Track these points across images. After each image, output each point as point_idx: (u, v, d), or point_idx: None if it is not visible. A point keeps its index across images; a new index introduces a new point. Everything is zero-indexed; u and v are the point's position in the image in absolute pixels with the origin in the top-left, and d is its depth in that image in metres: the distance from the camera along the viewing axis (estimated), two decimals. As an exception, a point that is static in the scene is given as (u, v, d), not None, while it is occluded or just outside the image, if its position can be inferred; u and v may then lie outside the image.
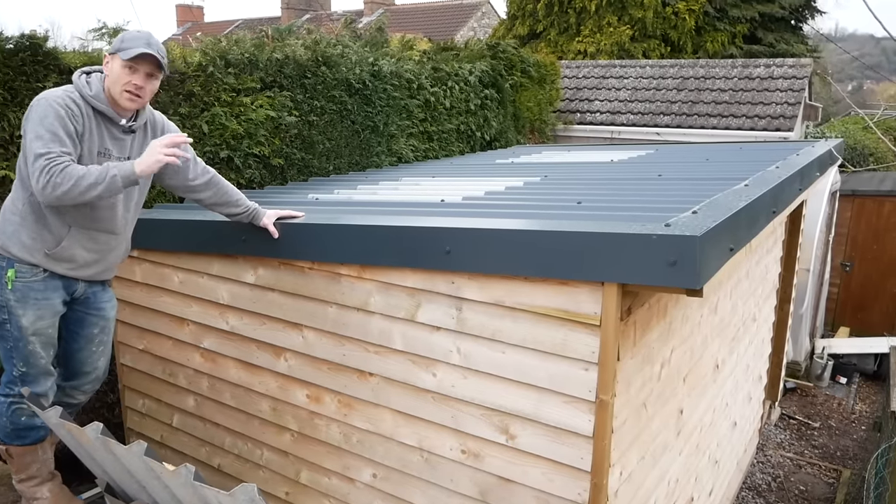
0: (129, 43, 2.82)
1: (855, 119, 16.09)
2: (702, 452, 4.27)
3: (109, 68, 2.86)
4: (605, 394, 2.60)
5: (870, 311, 9.68)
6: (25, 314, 2.91)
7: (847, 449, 6.90)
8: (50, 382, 3.11)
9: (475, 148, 8.27)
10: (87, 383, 3.31)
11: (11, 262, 2.88)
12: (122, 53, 2.81)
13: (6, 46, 3.94)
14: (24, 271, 2.89)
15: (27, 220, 2.86)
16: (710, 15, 15.14)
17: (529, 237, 2.66)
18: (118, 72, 2.82)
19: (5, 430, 3.13)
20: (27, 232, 2.87)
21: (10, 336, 2.94)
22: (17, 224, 2.87)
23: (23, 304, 2.90)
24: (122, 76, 2.82)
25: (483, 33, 22.09)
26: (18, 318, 2.91)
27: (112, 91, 2.86)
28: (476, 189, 4.25)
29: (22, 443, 3.16)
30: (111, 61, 2.85)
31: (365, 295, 3.17)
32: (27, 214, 2.86)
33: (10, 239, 2.87)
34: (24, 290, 2.90)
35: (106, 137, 2.89)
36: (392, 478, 3.30)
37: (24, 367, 2.99)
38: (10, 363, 3.00)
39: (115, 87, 2.84)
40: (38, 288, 2.92)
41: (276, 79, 5.47)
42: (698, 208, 2.90)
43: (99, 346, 3.26)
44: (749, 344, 5.19)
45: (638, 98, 10.82)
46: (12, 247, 2.87)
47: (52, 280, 2.95)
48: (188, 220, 3.73)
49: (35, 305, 2.93)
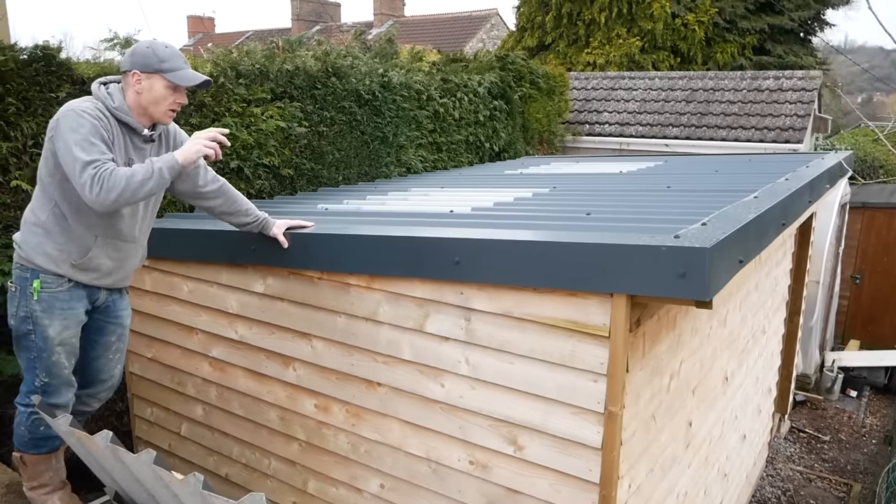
0: (172, 63, 2.80)
1: (865, 131, 16.05)
2: (711, 465, 4.25)
3: (146, 86, 2.81)
4: (613, 405, 2.60)
5: (880, 324, 9.61)
6: (52, 324, 2.91)
7: (857, 463, 6.84)
8: (71, 393, 3.10)
9: (484, 159, 8.29)
10: (103, 391, 3.31)
11: (36, 272, 2.87)
12: (172, 76, 2.80)
13: (20, 57, 3.98)
14: (50, 282, 2.88)
15: (52, 231, 2.85)
16: (720, 26, 15.14)
17: (538, 248, 2.66)
18: (162, 92, 2.81)
19: (22, 439, 3.14)
20: (52, 244, 2.86)
21: (34, 346, 2.93)
22: (42, 235, 2.85)
23: (49, 315, 2.90)
24: (167, 96, 2.83)
25: (492, 45, 22.15)
26: (45, 329, 2.90)
27: (152, 109, 2.85)
28: (485, 200, 4.26)
29: (38, 452, 3.16)
30: (149, 80, 2.81)
31: (374, 305, 3.18)
32: (52, 226, 2.85)
33: (35, 250, 2.86)
34: (50, 300, 2.89)
35: (129, 147, 2.90)
36: (400, 488, 3.29)
37: (46, 378, 2.98)
38: (33, 373, 2.98)
39: (159, 106, 2.84)
40: (63, 298, 2.92)
41: (287, 89, 5.50)
42: (707, 220, 2.90)
43: (116, 353, 3.26)
44: (758, 356, 5.17)
45: (647, 110, 10.82)
46: (37, 258, 2.85)
47: (76, 290, 2.95)
48: (198, 230, 3.74)
49: (61, 315, 2.92)
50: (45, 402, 3.00)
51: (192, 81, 2.84)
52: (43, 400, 2.99)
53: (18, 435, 3.14)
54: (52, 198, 2.82)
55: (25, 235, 2.89)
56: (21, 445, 3.16)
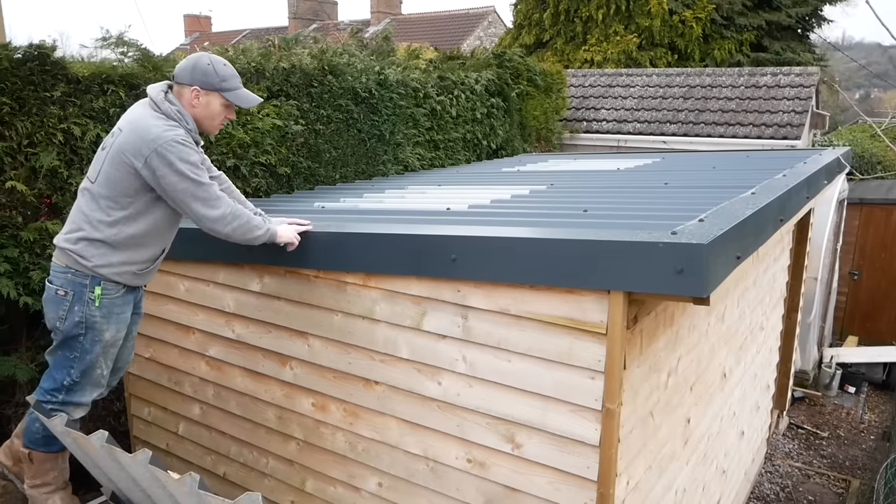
0: (230, 82, 2.98)
1: (862, 127, 16.08)
2: (709, 462, 4.24)
3: (203, 102, 2.97)
4: (611, 402, 2.59)
5: (878, 320, 9.63)
6: (109, 328, 3.02)
7: (856, 459, 6.84)
8: (96, 394, 3.17)
9: (481, 156, 8.27)
10: (115, 379, 3.38)
11: (98, 279, 2.95)
12: (230, 96, 2.99)
13: (15, 56, 3.96)
14: (110, 289, 2.99)
15: (119, 246, 2.94)
16: (717, 23, 15.14)
17: (535, 245, 2.65)
18: (218, 108, 3.01)
19: (34, 435, 3.16)
20: (119, 256, 2.95)
21: (80, 348, 2.99)
22: (106, 248, 2.93)
23: (107, 320, 3.01)
24: (222, 112, 3.03)
25: (489, 42, 22.13)
26: (101, 333, 3.00)
27: (206, 123, 3.03)
28: (482, 197, 4.25)
29: (47, 450, 3.19)
30: (207, 96, 2.96)
31: (370, 303, 3.17)
32: (120, 242, 2.93)
33: (99, 260, 2.93)
34: (110, 306, 3.00)
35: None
36: (398, 487, 3.29)
37: (79, 378, 3.03)
38: (65, 371, 3.02)
39: (214, 121, 3.04)
40: (119, 303, 3.04)
41: (283, 88, 5.49)
42: (705, 216, 2.89)
43: (131, 340, 3.36)
44: (756, 353, 5.17)
45: (644, 107, 10.81)
46: (102, 268, 2.93)
47: (128, 294, 3.09)
48: (194, 228, 3.71)
49: (116, 320, 3.05)
50: (67, 399, 3.05)
51: (251, 103, 3.08)
52: (65, 397, 3.04)
53: (31, 432, 3.16)
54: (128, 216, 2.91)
55: (85, 247, 2.93)
56: (31, 442, 3.18)
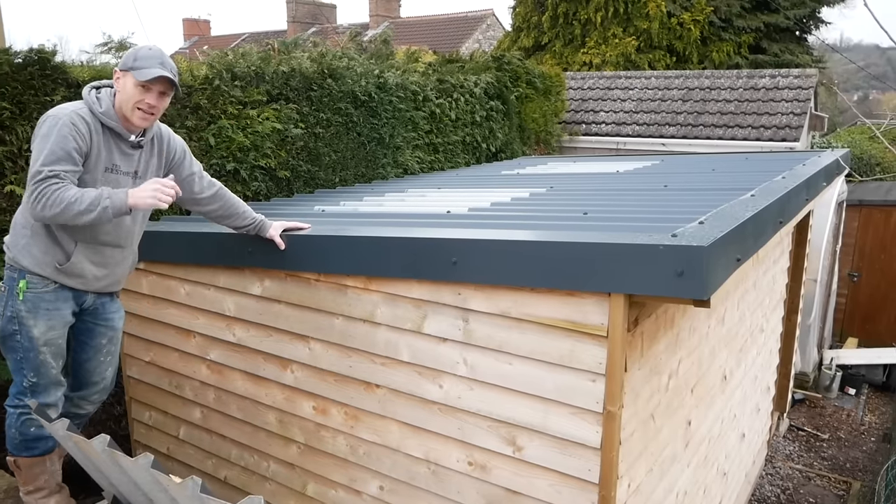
0: (143, 62, 2.80)
1: (861, 129, 16.10)
2: (710, 464, 4.24)
3: (121, 84, 2.84)
4: (612, 405, 2.59)
5: (878, 322, 9.63)
6: (37, 325, 2.94)
7: (857, 461, 6.84)
8: (59, 393, 3.12)
9: (481, 159, 8.28)
10: (95, 393, 3.32)
11: (23, 273, 2.90)
12: (137, 73, 2.79)
13: (15, 61, 3.97)
14: (36, 283, 2.91)
15: (38, 234, 2.88)
16: (716, 25, 15.16)
17: (536, 248, 2.65)
18: (131, 90, 2.81)
19: (14, 441, 3.14)
20: (38, 246, 2.89)
21: (21, 347, 2.96)
22: (28, 237, 2.89)
23: (34, 315, 2.93)
24: (135, 95, 2.81)
25: (488, 45, 22.15)
26: (30, 329, 2.93)
27: (124, 108, 2.85)
28: (482, 200, 4.26)
29: (31, 454, 3.16)
30: (123, 78, 2.83)
31: (371, 306, 3.17)
32: (38, 229, 2.88)
33: (22, 252, 2.90)
34: (35, 300, 2.92)
35: (115, 153, 2.90)
36: (399, 490, 3.28)
37: (34, 378, 3.00)
38: (21, 374, 3.01)
39: (128, 104, 2.83)
40: (48, 299, 2.94)
41: (283, 91, 5.50)
42: (705, 219, 2.90)
43: (107, 356, 3.27)
44: (757, 355, 5.17)
45: (643, 109, 10.82)
46: (24, 259, 2.89)
47: (62, 291, 2.98)
48: (194, 233, 3.74)
49: (46, 316, 2.95)
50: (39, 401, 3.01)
51: (145, 77, 2.79)
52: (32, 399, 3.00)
53: (10, 438, 3.15)
54: None
55: (14, 237, 2.92)
56: (14, 448, 3.16)
